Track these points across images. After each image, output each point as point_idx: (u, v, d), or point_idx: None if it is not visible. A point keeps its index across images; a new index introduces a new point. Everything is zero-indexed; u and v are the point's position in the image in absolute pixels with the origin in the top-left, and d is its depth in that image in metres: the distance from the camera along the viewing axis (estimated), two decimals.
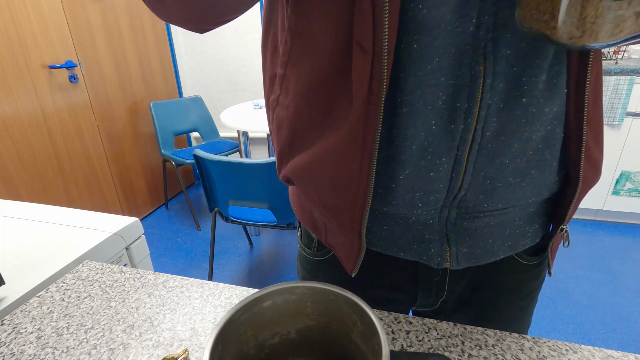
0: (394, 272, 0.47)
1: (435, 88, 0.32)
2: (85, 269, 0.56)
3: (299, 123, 0.38)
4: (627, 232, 2.13)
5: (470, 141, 0.34)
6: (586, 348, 0.39)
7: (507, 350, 0.39)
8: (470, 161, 0.35)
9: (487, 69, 0.31)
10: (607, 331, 1.47)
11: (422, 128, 0.34)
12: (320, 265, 0.50)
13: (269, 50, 0.40)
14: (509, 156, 0.35)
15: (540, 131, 0.35)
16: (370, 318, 0.27)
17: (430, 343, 0.40)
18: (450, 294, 0.48)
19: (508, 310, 0.49)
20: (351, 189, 0.36)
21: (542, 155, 0.37)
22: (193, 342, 0.42)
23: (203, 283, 0.52)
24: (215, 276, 1.88)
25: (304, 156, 0.39)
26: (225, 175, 1.40)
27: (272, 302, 0.31)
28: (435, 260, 0.41)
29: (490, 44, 0.31)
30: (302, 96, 0.37)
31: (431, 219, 0.40)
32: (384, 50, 0.30)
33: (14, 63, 1.60)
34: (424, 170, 0.36)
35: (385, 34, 0.29)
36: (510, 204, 0.38)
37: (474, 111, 0.33)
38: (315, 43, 0.34)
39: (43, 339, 0.43)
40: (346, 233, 0.40)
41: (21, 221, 0.85)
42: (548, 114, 0.35)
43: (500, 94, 0.32)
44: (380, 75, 0.30)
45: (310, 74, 0.35)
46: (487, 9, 0.30)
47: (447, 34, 0.30)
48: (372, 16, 0.29)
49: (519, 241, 0.43)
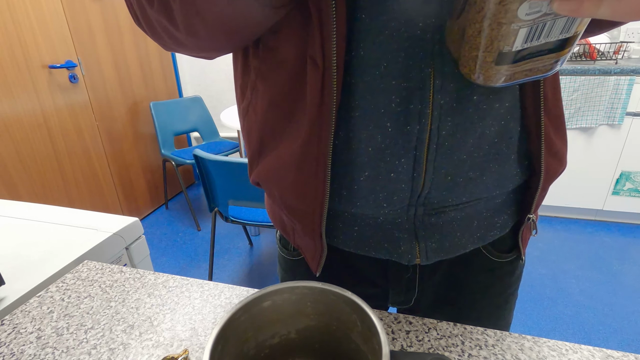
0: (365, 268, 0.48)
1: (386, 92, 0.33)
2: (85, 269, 0.56)
3: (265, 129, 0.40)
4: (627, 232, 2.13)
5: (427, 141, 0.35)
6: (586, 348, 0.39)
7: (507, 350, 0.39)
8: (429, 160, 0.36)
9: (435, 70, 0.32)
10: (607, 331, 1.47)
11: (376, 131, 0.35)
12: (296, 266, 0.52)
13: (240, 60, 0.42)
14: (465, 152, 0.36)
15: (494, 126, 0.37)
16: (370, 318, 0.27)
17: (430, 343, 0.40)
18: (422, 292, 0.49)
19: (485, 308, 0.50)
20: (310, 193, 0.38)
21: (499, 149, 0.38)
22: (193, 342, 0.42)
23: (203, 283, 0.52)
24: (215, 276, 1.88)
25: (269, 161, 0.41)
26: (225, 175, 1.40)
27: (272, 302, 0.31)
28: (406, 258, 0.43)
29: (438, 46, 0.31)
30: (268, 104, 0.38)
31: (399, 217, 0.41)
32: (333, 64, 0.31)
33: (14, 63, 1.60)
34: (384, 172, 0.37)
35: (334, 49, 0.31)
36: (474, 197, 0.40)
37: (427, 112, 0.34)
38: (280, 56, 0.35)
39: (43, 339, 0.43)
40: (309, 234, 0.42)
41: (21, 221, 0.85)
42: (499, 109, 0.36)
43: (451, 93, 0.33)
44: (331, 87, 0.32)
45: (276, 84, 0.37)
46: (430, 12, 0.30)
47: (393, 40, 0.31)
48: (320, 32, 0.30)
49: (487, 232, 0.44)
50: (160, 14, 0.31)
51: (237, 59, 0.42)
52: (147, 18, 0.34)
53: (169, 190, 2.75)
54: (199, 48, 0.35)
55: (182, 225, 2.40)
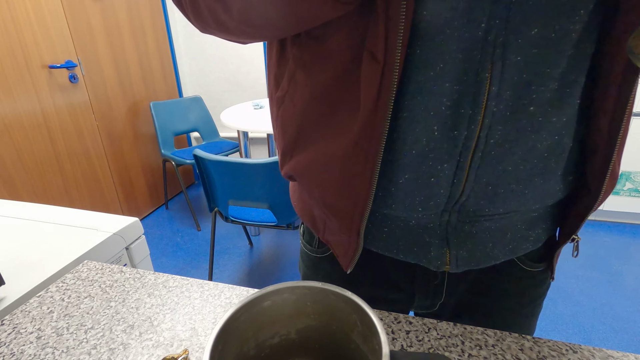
0: (392, 271, 0.47)
1: (438, 94, 0.32)
2: (85, 269, 0.56)
3: (304, 122, 0.38)
4: (627, 232, 2.13)
5: (473, 148, 0.33)
6: (586, 348, 0.39)
7: (507, 350, 0.39)
8: (472, 168, 0.34)
9: (493, 75, 0.30)
10: (607, 331, 1.47)
11: (423, 133, 0.33)
12: (320, 262, 0.51)
13: (275, 48, 0.40)
14: (512, 163, 0.35)
15: (547, 140, 0.34)
16: (370, 318, 0.27)
17: (430, 343, 0.40)
18: (449, 298, 0.47)
19: (510, 317, 0.48)
20: (353, 191, 0.37)
21: (547, 163, 0.36)
22: (193, 342, 0.42)
23: (203, 283, 0.52)
24: (215, 276, 1.88)
25: (307, 154, 0.39)
26: (225, 175, 1.40)
27: (272, 302, 0.31)
28: (435, 263, 0.41)
29: (500, 50, 0.29)
30: (309, 96, 0.37)
31: (431, 222, 0.39)
32: (396, 60, 0.29)
33: (14, 63, 1.60)
34: (424, 176, 0.35)
35: (399, 45, 0.29)
36: (512, 209, 0.38)
37: (478, 118, 0.32)
38: (328, 47, 0.34)
39: (43, 339, 0.43)
40: (345, 232, 0.40)
41: (21, 221, 0.85)
42: (556, 123, 0.34)
43: (506, 101, 0.31)
44: (390, 84, 0.30)
45: (320, 75, 0.35)
46: (498, 12, 0.28)
47: (453, 40, 0.29)
48: (385, 25, 0.29)
49: (520, 245, 0.42)
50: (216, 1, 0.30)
51: (272, 47, 0.40)
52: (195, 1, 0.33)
53: (169, 190, 2.75)
54: (245, 35, 0.34)
55: (182, 225, 2.40)
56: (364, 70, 0.31)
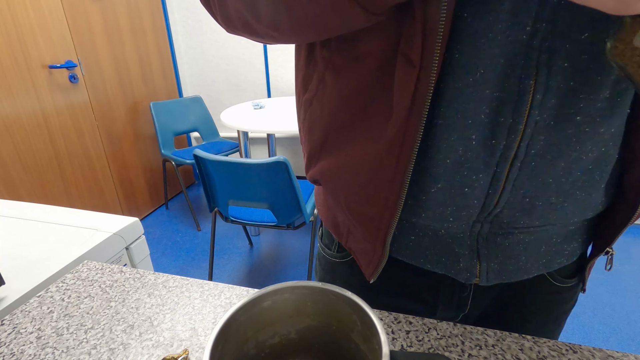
0: (415, 281, 0.45)
1: (477, 101, 0.30)
2: (85, 269, 0.56)
3: (333, 125, 0.37)
4: (627, 232, 2.13)
5: (512, 158, 0.31)
6: (586, 348, 0.39)
7: (507, 350, 0.39)
8: (510, 179, 0.33)
9: (538, 82, 0.28)
10: (607, 331, 1.47)
11: (459, 142, 0.32)
12: (339, 267, 0.49)
13: (304, 50, 0.39)
14: (553, 176, 0.33)
15: (593, 152, 0.32)
16: (370, 318, 0.27)
17: (430, 343, 0.40)
18: (473, 310, 0.46)
19: (534, 333, 0.46)
20: (381, 198, 0.35)
21: (591, 176, 0.34)
22: (193, 342, 0.42)
23: (203, 283, 0.52)
24: (215, 276, 1.88)
25: (335, 159, 0.38)
26: (225, 175, 1.40)
27: (272, 302, 0.31)
28: (464, 275, 0.40)
29: (545, 55, 0.27)
30: (339, 99, 0.36)
31: (462, 232, 0.38)
32: (434, 64, 0.28)
33: (14, 63, 1.60)
34: (458, 185, 0.34)
35: (438, 47, 0.27)
36: (549, 222, 0.36)
37: (519, 127, 0.30)
38: (360, 49, 0.32)
39: (43, 339, 0.43)
40: (370, 240, 0.39)
41: (21, 221, 0.85)
42: (604, 134, 0.31)
43: (551, 110, 0.29)
44: (426, 89, 0.29)
45: (351, 78, 0.34)
46: (544, 14, 0.26)
47: (496, 43, 0.27)
48: (423, 28, 0.27)
49: (554, 259, 0.40)
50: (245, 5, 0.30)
51: (301, 48, 0.39)
52: (224, 4, 0.32)
53: (169, 190, 2.75)
54: (273, 39, 0.33)
55: (182, 225, 2.40)
56: (398, 74, 0.30)
